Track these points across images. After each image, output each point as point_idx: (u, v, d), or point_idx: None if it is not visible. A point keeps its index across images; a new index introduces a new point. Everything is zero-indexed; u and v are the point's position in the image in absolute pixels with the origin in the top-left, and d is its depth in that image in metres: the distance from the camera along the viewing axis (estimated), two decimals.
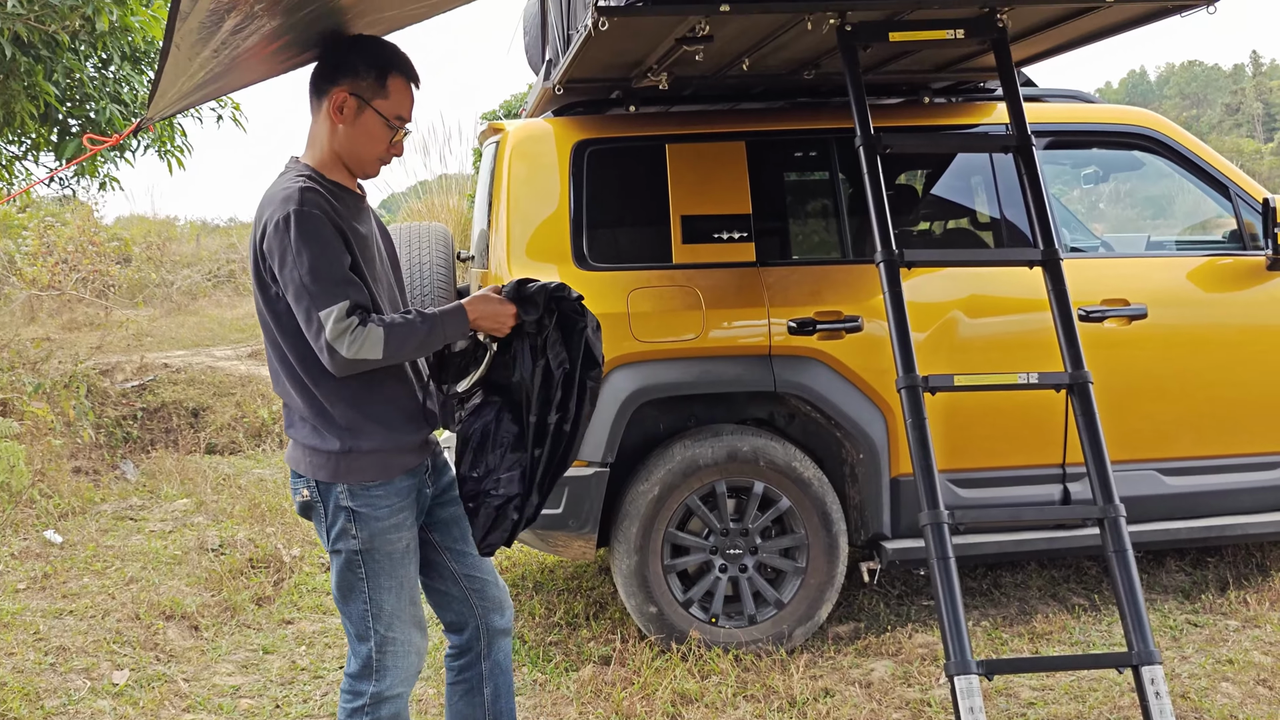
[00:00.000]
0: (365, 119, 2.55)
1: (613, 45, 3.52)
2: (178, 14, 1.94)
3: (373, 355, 2.42)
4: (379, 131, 2.57)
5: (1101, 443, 3.28)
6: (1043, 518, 4.27)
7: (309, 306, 2.40)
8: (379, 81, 2.55)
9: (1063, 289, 3.44)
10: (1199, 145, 4.50)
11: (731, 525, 4.20)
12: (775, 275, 4.24)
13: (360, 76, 2.53)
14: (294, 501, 2.70)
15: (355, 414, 2.56)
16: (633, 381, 4.08)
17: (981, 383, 3.47)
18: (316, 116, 2.59)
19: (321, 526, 2.65)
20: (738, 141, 4.33)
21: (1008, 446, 4.28)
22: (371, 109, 2.54)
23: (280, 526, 6.03)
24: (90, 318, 12.71)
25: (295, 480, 2.66)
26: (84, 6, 6.24)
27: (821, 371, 4.16)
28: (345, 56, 2.55)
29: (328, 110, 2.54)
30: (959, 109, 4.50)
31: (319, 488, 2.59)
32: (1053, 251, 3.50)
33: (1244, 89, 77.95)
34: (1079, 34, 3.92)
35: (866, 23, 3.45)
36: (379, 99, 2.55)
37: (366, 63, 2.54)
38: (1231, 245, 4.55)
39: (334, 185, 2.57)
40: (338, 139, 2.56)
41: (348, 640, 2.72)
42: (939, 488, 3.23)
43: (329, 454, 2.56)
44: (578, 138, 4.31)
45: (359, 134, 2.56)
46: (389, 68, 2.56)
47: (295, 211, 2.41)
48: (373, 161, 2.62)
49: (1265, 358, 4.39)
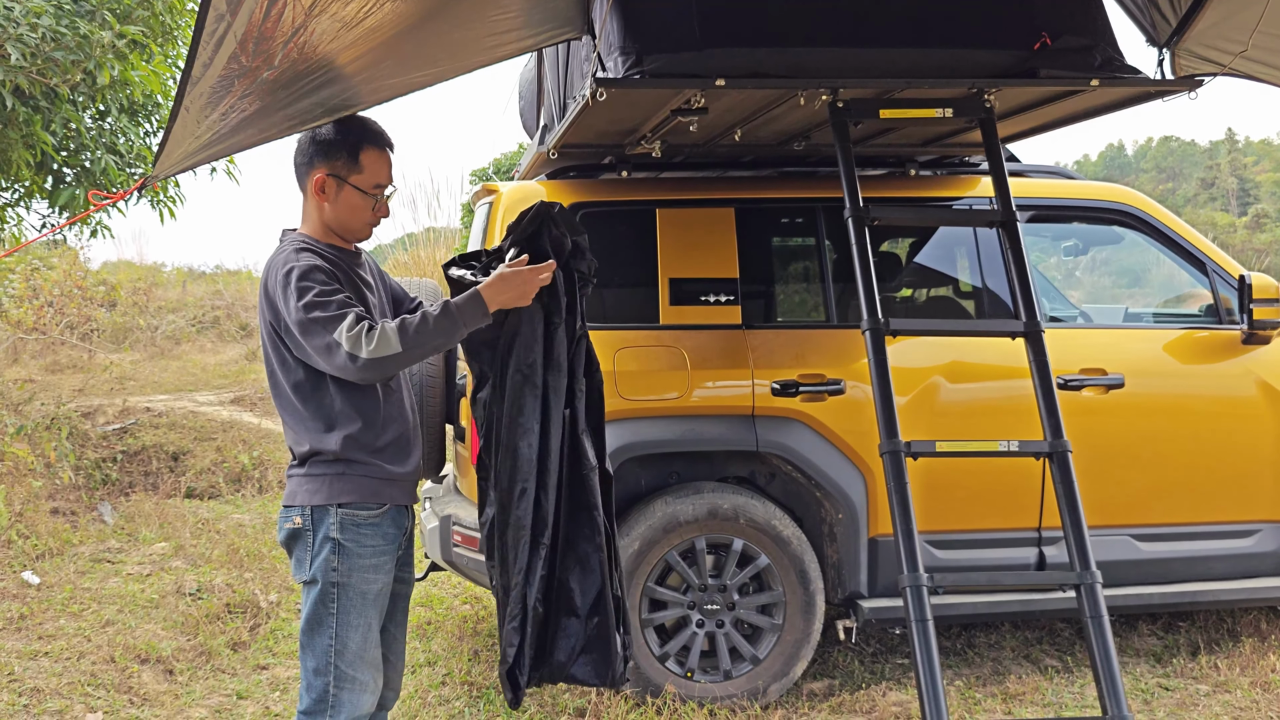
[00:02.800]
0: (345, 195, 2.75)
1: (609, 114, 3.63)
2: (189, 79, 2.04)
3: (391, 350, 2.57)
4: (360, 203, 2.77)
5: (1079, 510, 3.36)
6: (1021, 582, 4.33)
7: (320, 333, 2.56)
8: (352, 158, 2.74)
9: (1044, 360, 3.54)
10: (1176, 222, 4.64)
11: (710, 581, 4.25)
12: (760, 338, 4.33)
13: (334, 157, 2.73)
14: (280, 532, 2.81)
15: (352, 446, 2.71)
16: (618, 438, 4.14)
17: (963, 449, 3.55)
18: (304, 198, 2.80)
19: (304, 554, 2.74)
20: (727, 208, 4.44)
21: (985, 510, 4.36)
22: (350, 185, 2.75)
23: (258, 572, 6.03)
24: (74, 360, 12.71)
25: (286, 512, 2.78)
26: (86, 61, 6.35)
27: (803, 432, 4.23)
28: (316, 140, 2.74)
29: (311, 191, 2.75)
30: (943, 182, 4.63)
31: (312, 515, 2.72)
32: (1035, 323, 3.60)
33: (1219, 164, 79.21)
34: (1063, 115, 4.06)
35: (858, 99, 3.58)
36: (355, 175, 2.75)
37: (337, 143, 2.73)
38: (1207, 319, 4.67)
39: (329, 247, 2.77)
40: (326, 214, 2.77)
41: (302, 675, 2.79)
42: (919, 550, 3.29)
43: (324, 477, 2.71)
44: (571, 200, 4.41)
45: (343, 208, 2.77)
46: (360, 143, 2.75)
47: (294, 266, 2.61)
48: (362, 228, 2.82)
49: (1238, 429, 4.50)
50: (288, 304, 2.59)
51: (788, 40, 3.43)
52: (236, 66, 2.06)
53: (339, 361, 2.57)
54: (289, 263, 2.62)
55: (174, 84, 8.21)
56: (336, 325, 2.56)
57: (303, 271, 2.60)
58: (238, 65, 2.06)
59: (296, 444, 2.75)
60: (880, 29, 3.50)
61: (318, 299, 2.57)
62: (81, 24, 6.26)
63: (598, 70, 3.29)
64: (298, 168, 2.79)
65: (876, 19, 3.51)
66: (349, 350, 2.54)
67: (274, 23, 1.99)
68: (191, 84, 2.06)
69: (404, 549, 2.93)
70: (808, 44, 3.44)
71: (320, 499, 2.71)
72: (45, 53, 6.13)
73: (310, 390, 2.70)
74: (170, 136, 2.25)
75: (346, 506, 2.72)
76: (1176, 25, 3.50)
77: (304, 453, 2.73)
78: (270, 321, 2.69)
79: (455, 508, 4.47)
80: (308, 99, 2.49)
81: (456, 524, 4.36)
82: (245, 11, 1.89)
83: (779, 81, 3.38)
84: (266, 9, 1.93)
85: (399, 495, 2.83)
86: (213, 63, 2.02)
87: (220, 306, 20.51)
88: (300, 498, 2.73)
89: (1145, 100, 3.70)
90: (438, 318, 2.65)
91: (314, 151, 2.74)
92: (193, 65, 2.00)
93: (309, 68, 2.28)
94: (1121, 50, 3.56)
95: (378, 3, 2.23)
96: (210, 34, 1.90)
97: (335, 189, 2.74)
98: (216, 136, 2.35)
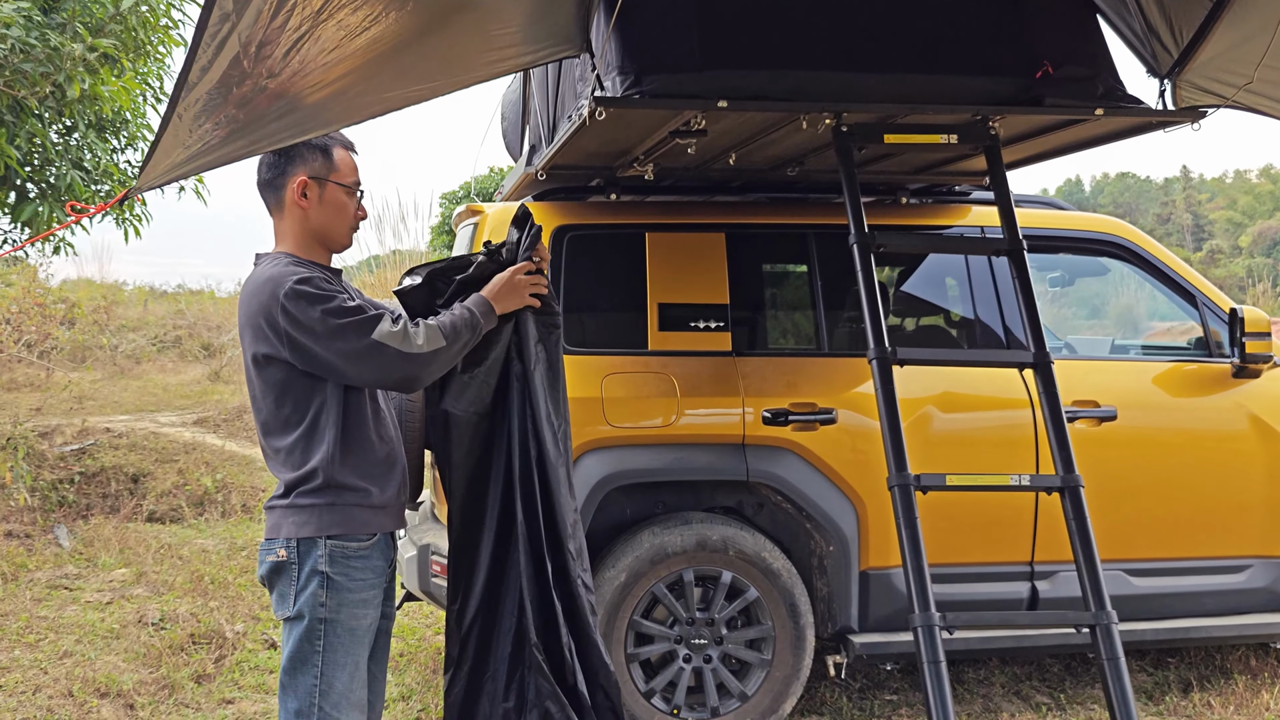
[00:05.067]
0: (330, 194, 2.70)
1: (603, 135, 3.54)
2: (185, 84, 1.92)
3: (439, 344, 2.59)
4: (344, 200, 2.72)
5: (1093, 547, 3.27)
6: (1036, 622, 4.24)
7: (354, 337, 2.50)
8: (326, 158, 2.70)
9: (1054, 391, 3.47)
10: (1166, 254, 4.61)
11: (697, 615, 4.14)
12: (751, 365, 4.24)
13: (309, 160, 2.68)
14: (262, 565, 2.67)
15: (342, 469, 2.61)
16: (605, 467, 4.04)
17: (974, 483, 3.49)
18: (281, 214, 2.71)
19: (288, 589, 2.60)
20: (717, 233, 4.37)
21: (976, 543, 4.28)
22: (331, 183, 2.69)
23: (223, 600, 5.85)
24: (31, 379, 12.42)
25: (268, 545, 2.64)
26: (55, 74, 6.20)
27: (794, 462, 4.15)
28: (285, 152, 2.67)
29: (291, 201, 2.68)
30: (933, 210, 4.58)
31: (298, 548, 2.58)
32: (1044, 354, 3.53)
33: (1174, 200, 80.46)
34: (1062, 144, 4.02)
35: (862, 124, 3.51)
36: (334, 173, 2.70)
37: (306, 146, 2.68)
38: (1197, 352, 4.64)
39: (312, 263, 2.68)
40: (309, 221, 2.70)
41: (281, 715, 2.65)
42: (930, 589, 3.18)
43: (311, 508, 2.58)
44: (558, 222, 4.32)
45: (328, 210, 2.70)
46: (329, 144, 2.71)
47: (295, 276, 2.52)
48: (346, 232, 2.75)
49: (1230, 463, 4.46)
50: (304, 314, 2.47)
51: (789, 63, 3.36)
52: (236, 72, 1.96)
53: (385, 361, 2.52)
54: (286, 276, 2.51)
55: (144, 101, 8.05)
56: (373, 326, 2.51)
57: (309, 280, 2.52)
58: (238, 71, 1.96)
59: (282, 471, 2.62)
60: (882, 54, 3.44)
61: (342, 305, 2.51)
62: (52, 36, 6.11)
63: (595, 89, 3.20)
64: (268, 184, 2.69)
65: (878, 43, 3.45)
66: (399, 349, 2.52)
67: (279, 26, 1.89)
68: (187, 89, 1.94)
69: (389, 580, 2.81)
70: (809, 67, 3.37)
71: (308, 531, 2.57)
72: (14, 64, 5.97)
73: (299, 413, 2.58)
74: (158, 146, 2.13)
75: (336, 538, 2.59)
76: (1178, 56, 3.47)
77: (291, 480, 2.59)
78: (255, 344, 2.55)
79: (433, 536, 4.34)
80: (302, 110, 2.39)
81: (435, 553, 4.23)
82: (252, 12, 1.79)
83: (782, 104, 3.31)
84: (275, 9, 1.83)
85: (388, 522, 2.71)
86: (212, 66, 1.91)
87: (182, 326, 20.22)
88: (285, 530, 2.59)
89: (1146, 131, 3.67)
90: (464, 315, 2.67)
91: (285, 161, 2.66)
92: (189, 71, 1.89)
93: (308, 78, 2.18)
94: (1122, 81, 3.53)
95: (382, 11, 2.13)
96: (213, 35, 1.79)
97: (318, 191, 2.68)
98: (206, 148, 2.23)
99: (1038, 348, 3.53)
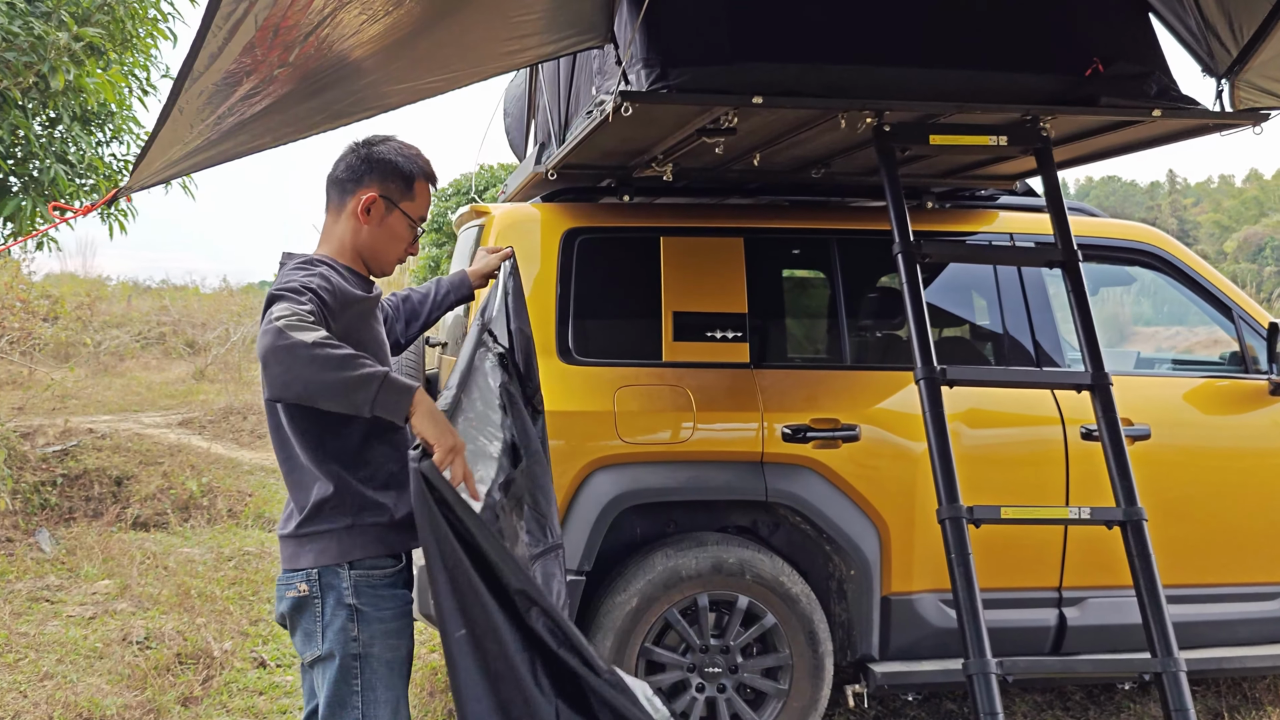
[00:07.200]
0: (392, 220, 2.55)
1: (624, 132, 3.32)
2: (188, 75, 1.70)
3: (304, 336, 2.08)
4: (404, 232, 2.57)
5: (1159, 588, 3.07)
6: (1098, 670, 4.00)
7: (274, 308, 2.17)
8: (407, 185, 2.55)
9: (1113, 416, 3.24)
10: (1203, 265, 4.41)
11: (712, 642, 3.92)
12: (770, 378, 4.03)
13: (389, 179, 2.52)
14: (281, 603, 2.47)
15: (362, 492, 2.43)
16: (618, 485, 3.82)
17: (1031, 515, 3.29)
18: (338, 215, 2.55)
19: (314, 626, 2.40)
20: (736, 238, 4.15)
21: (1002, 567, 4.07)
22: (400, 210, 2.54)
23: (211, 615, 5.61)
24: (13, 377, 12.15)
25: (288, 577, 2.44)
26: (40, 64, 5.95)
27: (815, 481, 3.94)
28: (372, 159, 2.52)
29: (352, 210, 2.52)
30: (960, 215, 4.37)
31: (321, 580, 2.39)
32: (1103, 375, 3.29)
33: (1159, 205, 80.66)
34: (1114, 145, 3.79)
35: (905, 124, 3.29)
36: (406, 201, 2.55)
37: (394, 165, 2.53)
38: (1232, 367, 4.44)
39: (349, 270, 2.51)
40: (361, 238, 2.53)
41: None
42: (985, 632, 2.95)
43: (331, 534, 2.40)
44: (568, 225, 4.09)
45: (385, 234, 2.54)
46: (416, 172, 2.56)
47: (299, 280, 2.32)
48: (392, 261, 2.60)
49: (1267, 484, 4.25)
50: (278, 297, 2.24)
51: (825, 56, 3.14)
52: (249, 60, 1.74)
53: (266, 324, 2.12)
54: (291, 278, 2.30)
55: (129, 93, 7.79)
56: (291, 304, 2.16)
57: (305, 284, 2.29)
58: (250, 59, 1.74)
59: (301, 492, 2.43)
60: (923, 48, 3.23)
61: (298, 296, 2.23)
62: (37, 24, 5.86)
63: (620, 83, 2.97)
64: (340, 183, 2.53)
65: (917, 36, 3.23)
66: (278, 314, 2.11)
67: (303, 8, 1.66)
68: (190, 81, 1.72)
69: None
70: (846, 61, 3.15)
71: (329, 558, 2.38)
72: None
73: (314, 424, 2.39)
74: (155, 142, 1.90)
75: (360, 565, 2.40)
76: (1238, 54, 3.26)
77: (305, 502, 2.39)
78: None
79: None
80: (311, 102, 2.17)
81: None
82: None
83: (820, 101, 3.08)
84: None
85: (410, 539, 2.50)
86: (221, 54, 1.68)
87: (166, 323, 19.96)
88: (304, 560, 2.40)
89: (1203, 134, 3.46)
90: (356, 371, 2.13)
91: (366, 169, 2.50)
92: (195, 59, 1.66)
93: (321, 65, 1.95)
94: (1175, 80, 3.32)
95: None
96: (225, 17, 1.57)
97: (383, 212, 2.52)
98: (206, 143, 2.01)
99: (1095, 368, 3.29)
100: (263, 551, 7.07)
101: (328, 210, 2.56)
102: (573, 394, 3.90)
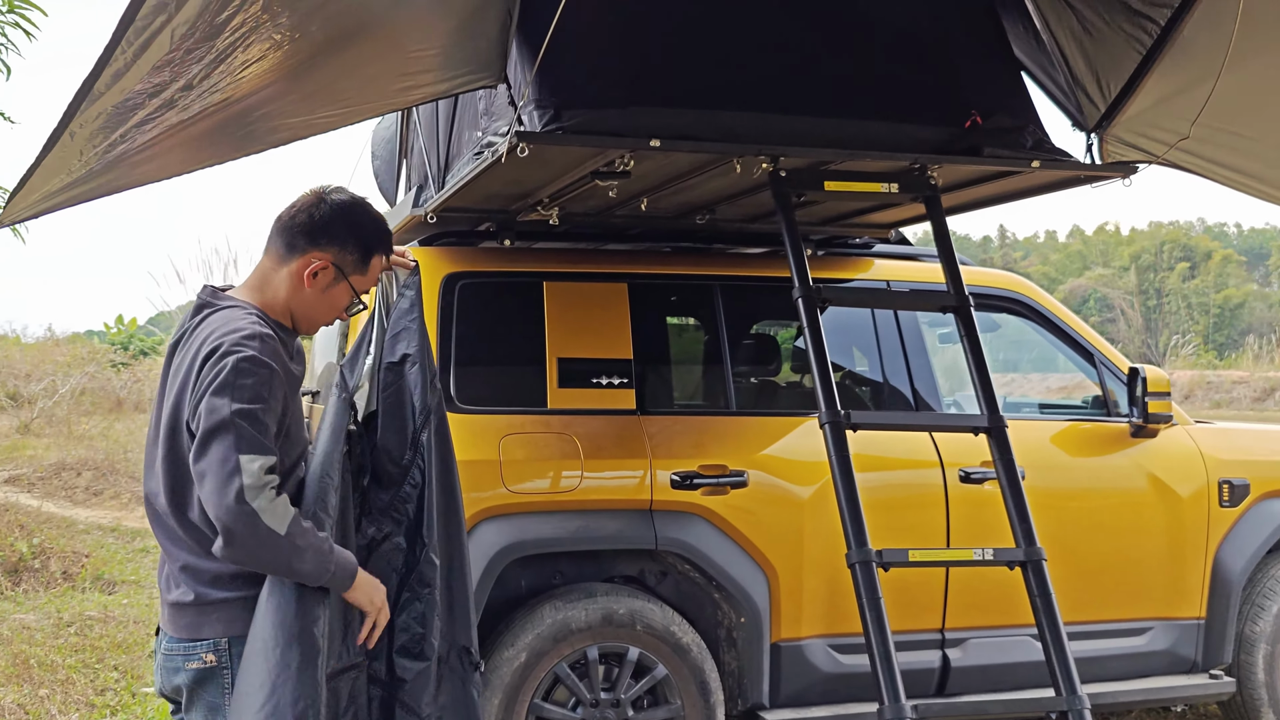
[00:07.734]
0: (336, 290, 2.42)
1: (514, 174, 3.25)
2: (87, 95, 1.54)
3: (276, 526, 2.08)
4: (343, 302, 2.46)
5: (1060, 626, 3.12)
6: (1008, 711, 4.08)
7: (230, 444, 2.06)
8: (362, 259, 2.43)
9: (1010, 459, 3.29)
10: (1066, 313, 4.57)
11: (603, 695, 3.82)
12: (657, 425, 3.98)
13: (347, 248, 2.40)
14: (176, 675, 2.26)
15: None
16: (504, 536, 3.71)
17: (938, 558, 3.39)
18: (278, 267, 2.38)
19: (222, 700, 2.21)
20: (620, 283, 4.11)
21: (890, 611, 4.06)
22: (347, 283, 2.41)
23: (54, 687, 5.20)
24: None
25: (189, 647, 2.23)
26: None
27: (704, 529, 3.89)
28: (334, 224, 2.37)
29: (298, 270, 2.36)
30: (839, 262, 4.43)
31: (230, 650, 2.20)
32: (998, 419, 3.35)
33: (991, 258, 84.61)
34: (992, 194, 3.91)
35: (799, 170, 3.31)
36: (357, 275, 2.44)
37: (356, 237, 2.40)
38: (1095, 410, 4.60)
39: (276, 325, 2.35)
40: (298, 299, 2.39)
41: None
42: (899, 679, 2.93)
43: (244, 600, 2.21)
44: (448, 270, 3.99)
45: (323, 302, 2.42)
46: (375, 246, 2.45)
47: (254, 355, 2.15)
48: (318, 325, 2.47)
49: (1130, 524, 4.40)
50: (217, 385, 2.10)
51: (719, 103, 3.15)
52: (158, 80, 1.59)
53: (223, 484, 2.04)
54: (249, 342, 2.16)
55: None
56: (251, 452, 2.07)
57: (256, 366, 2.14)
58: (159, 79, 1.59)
59: (192, 551, 2.23)
60: (813, 97, 3.27)
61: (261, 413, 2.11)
62: None
63: (515, 124, 2.90)
64: (291, 235, 2.36)
65: (810, 86, 3.27)
66: (246, 485, 2.04)
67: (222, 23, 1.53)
68: (89, 101, 1.56)
69: None
70: (740, 108, 3.17)
71: (240, 627, 2.18)
72: None
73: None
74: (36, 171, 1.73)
75: None
76: (1105, 110, 3.41)
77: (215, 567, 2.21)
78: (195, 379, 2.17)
79: None
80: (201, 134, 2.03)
81: None
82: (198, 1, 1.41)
83: (718, 146, 3.08)
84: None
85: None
86: (129, 71, 1.53)
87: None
88: (210, 629, 2.20)
89: (1075, 185, 3.59)
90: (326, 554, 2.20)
91: (324, 231, 2.35)
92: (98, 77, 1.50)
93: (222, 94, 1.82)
94: (1048, 133, 3.45)
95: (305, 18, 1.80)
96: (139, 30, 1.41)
97: (329, 281, 2.38)
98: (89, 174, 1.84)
99: (991, 411, 3.35)
100: (105, 615, 6.63)
101: (267, 253, 2.40)
102: (457, 443, 3.74)
